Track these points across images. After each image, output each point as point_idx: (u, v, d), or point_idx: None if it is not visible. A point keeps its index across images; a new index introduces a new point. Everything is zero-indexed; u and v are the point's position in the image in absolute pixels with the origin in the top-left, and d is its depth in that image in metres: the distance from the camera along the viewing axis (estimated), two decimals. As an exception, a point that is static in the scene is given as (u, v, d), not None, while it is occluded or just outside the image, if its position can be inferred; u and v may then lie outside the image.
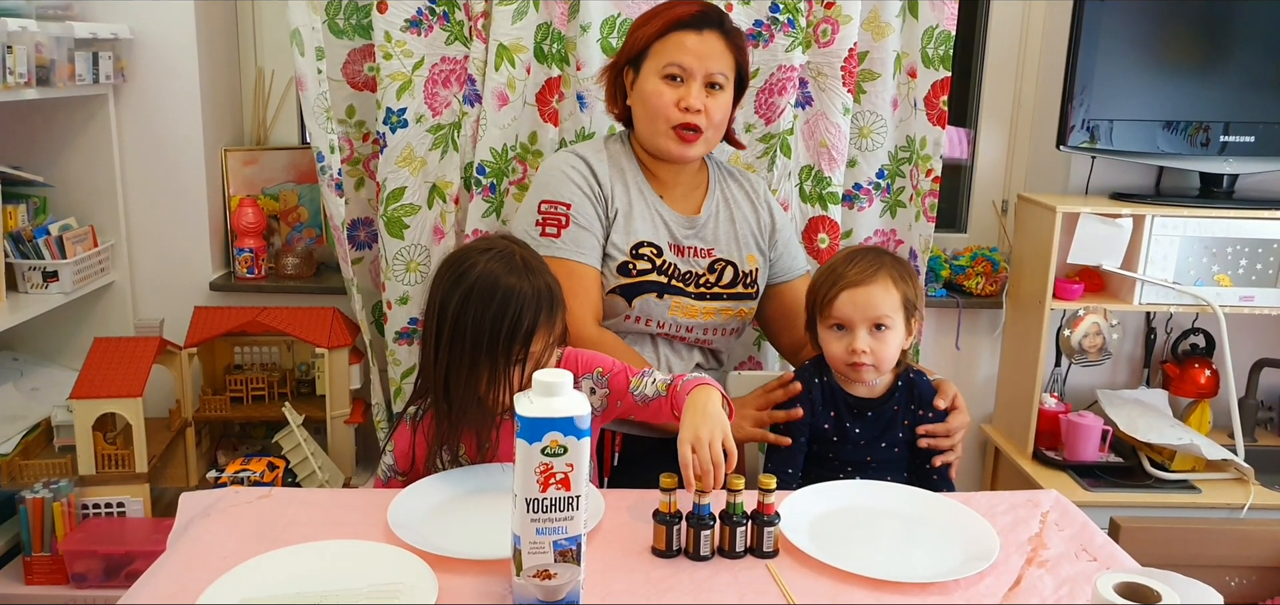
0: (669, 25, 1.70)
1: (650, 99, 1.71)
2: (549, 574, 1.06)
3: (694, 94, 1.69)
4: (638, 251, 1.73)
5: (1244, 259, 2.16)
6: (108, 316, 2.25)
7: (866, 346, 1.56)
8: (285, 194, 2.35)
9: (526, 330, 1.35)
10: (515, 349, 1.35)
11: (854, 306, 1.56)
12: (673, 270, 1.76)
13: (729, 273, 1.80)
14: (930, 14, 2.12)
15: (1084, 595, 1.15)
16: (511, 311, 1.34)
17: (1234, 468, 2.17)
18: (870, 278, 1.56)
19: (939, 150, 2.17)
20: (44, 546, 1.90)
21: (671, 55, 1.69)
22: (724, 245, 1.81)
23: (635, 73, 1.75)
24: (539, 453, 1.03)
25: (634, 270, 1.73)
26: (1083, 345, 2.21)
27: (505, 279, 1.36)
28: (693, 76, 1.69)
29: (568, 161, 1.75)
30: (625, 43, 1.79)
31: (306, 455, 2.01)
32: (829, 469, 1.62)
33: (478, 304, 1.35)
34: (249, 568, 1.13)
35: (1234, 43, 2.18)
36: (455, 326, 1.36)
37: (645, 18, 1.76)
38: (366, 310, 2.24)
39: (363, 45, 2.16)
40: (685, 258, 1.78)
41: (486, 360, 1.35)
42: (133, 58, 2.15)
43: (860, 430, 1.62)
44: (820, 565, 1.18)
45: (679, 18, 1.70)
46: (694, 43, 1.69)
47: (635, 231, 1.74)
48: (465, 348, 1.36)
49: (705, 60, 1.69)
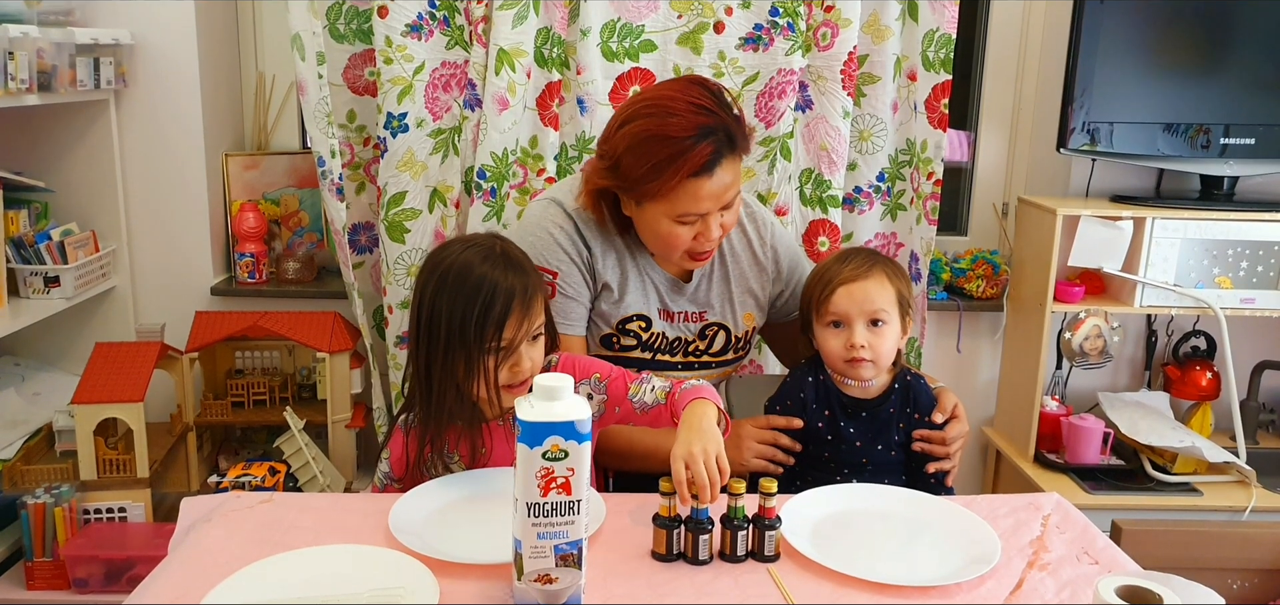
0: (682, 181, 1.48)
1: (663, 236, 1.55)
2: (550, 578, 1.06)
3: (712, 227, 1.53)
4: (624, 326, 1.66)
5: (1245, 261, 2.16)
6: (109, 321, 2.25)
7: (864, 340, 1.56)
8: (286, 198, 2.35)
9: (497, 316, 1.34)
10: (488, 334, 1.35)
11: (851, 301, 1.57)
12: (660, 341, 1.68)
13: (721, 338, 1.72)
14: (930, 17, 2.13)
15: (1085, 598, 1.14)
16: (482, 297, 1.34)
17: (1235, 470, 2.16)
18: (866, 273, 1.58)
19: (939, 153, 2.17)
20: (45, 552, 1.90)
21: (685, 205, 1.50)
22: (718, 308, 1.71)
23: (635, 201, 1.55)
24: (540, 457, 1.03)
25: (617, 344, 1.67)
26: (1084, 348, 2.21)
27: (478, 267, 1.36)
28: (710, 215, 1.53)
29: (556, 221, 1.61)
30: (618, 174, 1.51)
31: (308, 460, 2.01)
32: (824, 470, 1.62)
33: (451, 292, 1.36)
34: (250, 572, 1.13)
35: (1234, 45, 2.18)
36: (432, 316, 1.37)
37: (649, 162, 1.47)
38: (367, 314, 2.24)
39: (363, 50, 2.17)
40: (675, 323, 1.70)
41: (460, 348, 1.35)
42: (134, 63, 2.15)
43: (855, 430, 1.62)
44: (821, 569, 1.18)
45: (692, 171, 1.47)
46: (708, 188, 1.49)
47: (626, 305, 1.65)
48: (440, 336, 1.36)
49: (721, 197, 1.51)
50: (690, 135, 1.45)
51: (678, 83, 1.60)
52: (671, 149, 1.46)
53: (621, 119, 1.53)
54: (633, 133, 1.49)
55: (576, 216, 1.62)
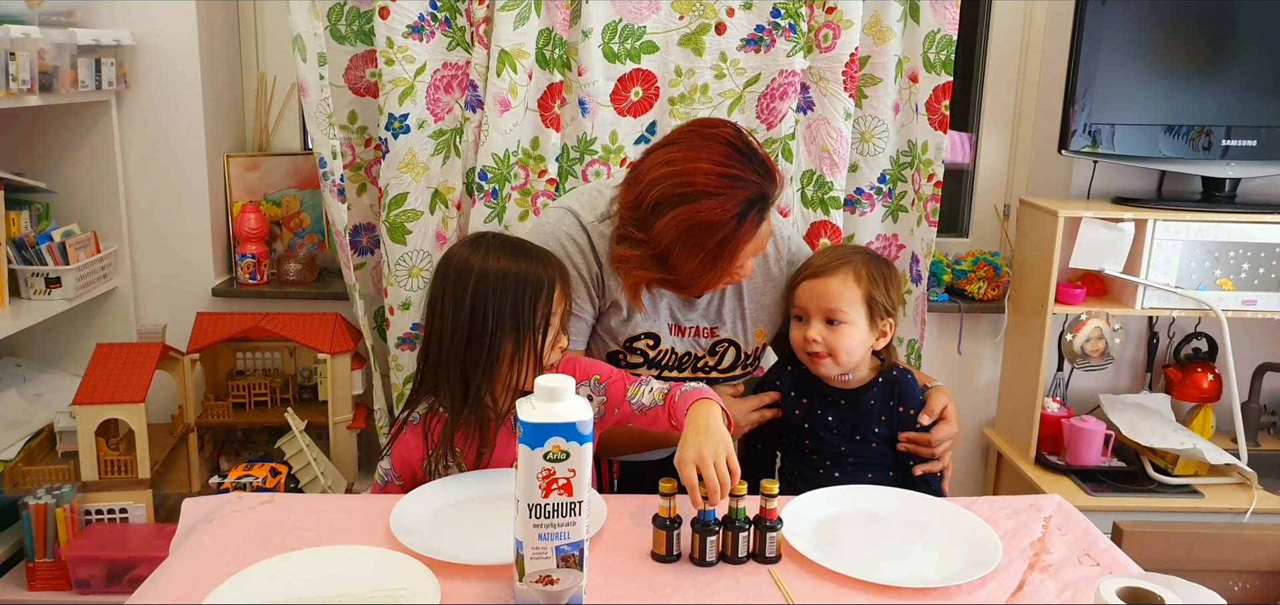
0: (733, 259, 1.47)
1: (700, 281, 1.52)
2: (551, 579, 1.06)
3: (749, 267, 1.55)
4: (632, 345, 1.65)
5: (1246, 263, 2.16)
6: (110, 322, 2.25)
7: (819, 336, 1.59)
8: (287, 200, 2.35)
9: (546, 296, 1.40)
10: (537, 316, 1.40)
11: (810, 296, 1.61)
12: (669, 357, 1.67)
13: (731, 355, 1.71)
14: (931, 18, 2.13)
15: (1087, 599, 1.14)
16: (530, 283, 1.40)
17: (1237, 472, 2.16)
18: (831, 271, 1.60)
19: (941, 155, 2.17)
20: (47, 552, 1.90)
21: (733, 268, 1.51)
22: (729, 325, 1.69)
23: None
24: (541, 458, 1.03)
25: (624, 362, 1.66)
26: (1085, 349, 2.21)
27: (512, 263, 1.41)
28: (743, 274, 1.56)
29: (570, 233, 1.59)
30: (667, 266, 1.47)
31: (309, 461, 2.01)
32: (805, 459, 1.64)
33: (496, 288, 1.39)
34: (252, 573, 1.13)
35: (1236, 46, 2.18)
36: (473, 315, 1.38)
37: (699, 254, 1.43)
38: (369, 316, 2.24)
39: (365, 51, 2.17)
40: (685, 338, 1.68)
41: (511, 335, 1.38)
42: (135, 64, 2.15)
43: (834, 418, 1.64)
44: (823, 570, 1.18)
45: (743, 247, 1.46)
46: (753, 246, 1.49)
47: (634, 325, 1.64)
48: (486, 330, 1.38)
49: (762, 247, 1.54)
50: (733, 216, 1.41)
51: (700, 147, 1.46)
52: (719, 234, 1.42)
53: (653, 201, 1.44)
54: (674, 224, 1.42)
55: (592, 231, 1.59)
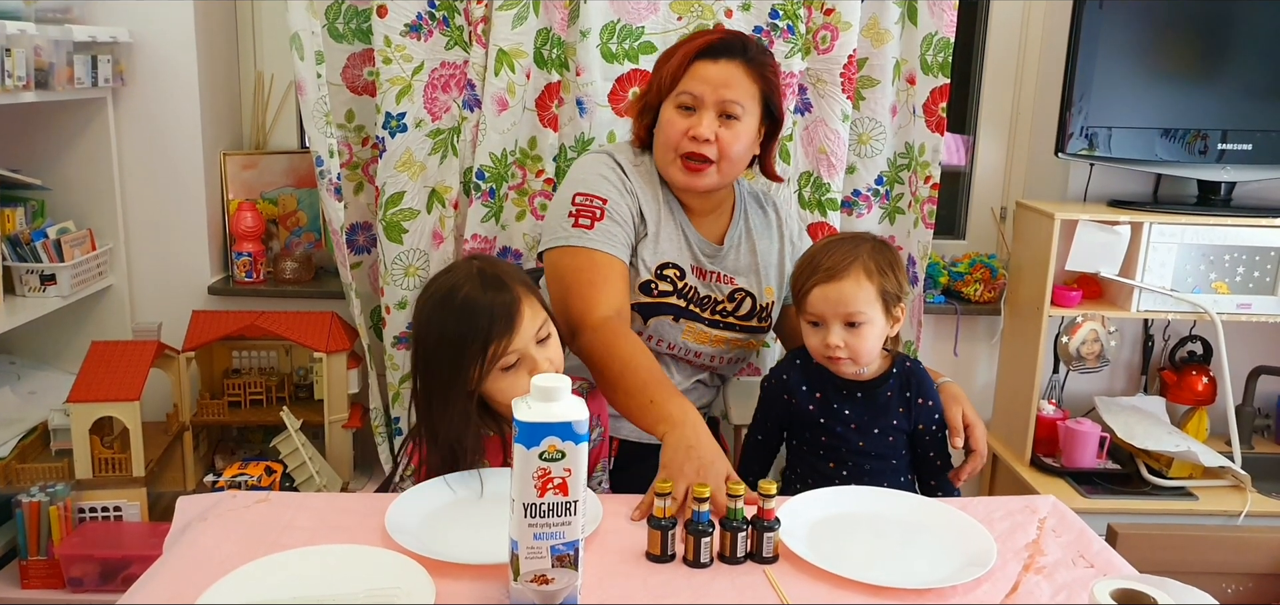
0: (688, 58, 1.66)
1: (663, 128, 1.68)
2: (546, 579, 1.06)
3: (704, 123, 1.63)
4: (661, 272, 1.70)
5: (1241, 267, 2.17)
6: (105, 320, 2.25)
7: (841, 340, 1.54)
8: (284, 198, 2.35)
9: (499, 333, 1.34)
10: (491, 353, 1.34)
11: (825, 302, 1.54)
12: (693, 294, 1.72)
13: (747, 304, 1.77)
14: (929, 21, 2.13)
15: (1081, 600, 1.15)
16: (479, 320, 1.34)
17: (1231, 475, 2.17)
18: (843, 272, 1.54)
19: (938, 157, 2.17)
20: (40, 550, 1.89)
21: (685, 84, 1.65)
22: (745, 275, 1.77)
23: (658, 97, 1.71)
24: (536, 457, 1.03)
25: (655, 290, 1.70)
26: (1081, 352, 2.21)
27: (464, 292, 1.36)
28: (704, 105, 1.64)
29: (605, 163, 1.71)
30: (651, 80, 1.73)
31: (304, 459, 2.00)
32: (820, 461, 1.60)
33: (444, 315, 1.36)
34: (246, 572, 1.13)
35: (1232, 51, 2.19)
36: (423, 342, 1.38)
37: (668, 53, 1.71)
38: (365, 315, 2.24)
39: (362, 49, 2.17)
40: (706, 282, 1.75)
41: (458, 374, 1.35)
42: (131, 61, 2.15)
43: (850, 412, 1.59)
44: (817, 571, 1.18)
45: (697, 48, 1.66)
46: (709, 71, 1.64)
47: (661, 251, 1.70)
48: (434, 360, 1.36)
49: (719, 88, 1.64)
50: (706, 33, 1.72)
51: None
52: (690, 38, 1.71)
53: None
54: (657, 63, 1.75)
55: (622, 161, 1.73)
